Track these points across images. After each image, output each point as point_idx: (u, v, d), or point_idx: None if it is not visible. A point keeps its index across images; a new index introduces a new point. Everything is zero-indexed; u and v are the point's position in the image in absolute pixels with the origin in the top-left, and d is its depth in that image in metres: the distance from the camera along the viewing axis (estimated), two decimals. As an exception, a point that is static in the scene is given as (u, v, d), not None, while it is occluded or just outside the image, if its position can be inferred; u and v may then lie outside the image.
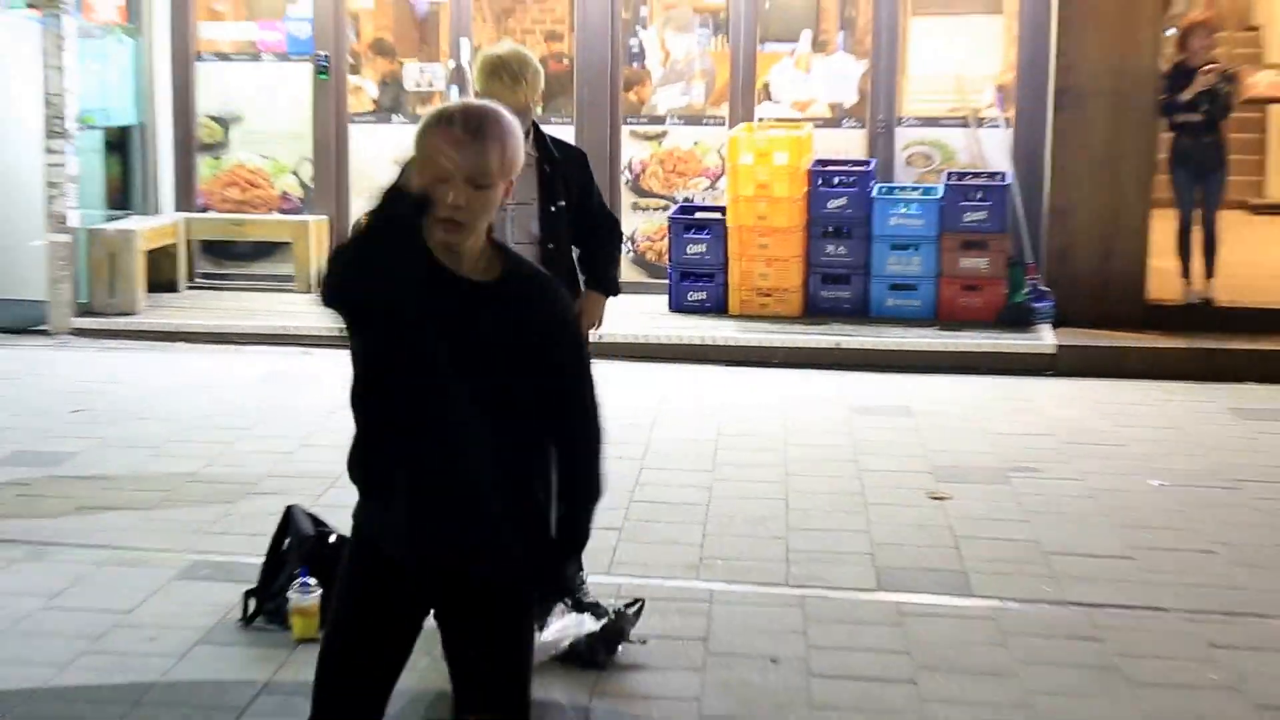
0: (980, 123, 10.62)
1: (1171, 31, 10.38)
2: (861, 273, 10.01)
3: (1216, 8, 14.15)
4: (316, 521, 5.18)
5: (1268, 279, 10.34)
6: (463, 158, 2.86)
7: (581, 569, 4.97)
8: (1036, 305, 9.70)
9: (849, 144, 10.69)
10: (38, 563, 5.63)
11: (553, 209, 4.81)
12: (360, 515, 3.15)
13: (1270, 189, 13.89)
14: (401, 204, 2.86)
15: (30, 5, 10.02)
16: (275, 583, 5.03)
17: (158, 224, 10.92)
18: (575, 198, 4.99)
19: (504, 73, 4.71)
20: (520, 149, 2.97)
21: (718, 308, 10.15)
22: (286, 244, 11.09)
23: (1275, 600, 5.39)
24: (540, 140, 4.89)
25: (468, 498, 3.02)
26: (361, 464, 3.08)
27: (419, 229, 2.88)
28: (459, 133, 2.87)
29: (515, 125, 2.97)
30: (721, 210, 10.22)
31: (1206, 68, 9.67)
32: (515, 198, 4.49)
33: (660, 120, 11.11)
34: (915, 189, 10.17)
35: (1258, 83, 13.63)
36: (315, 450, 7.13)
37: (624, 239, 6.37)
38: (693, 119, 11.08)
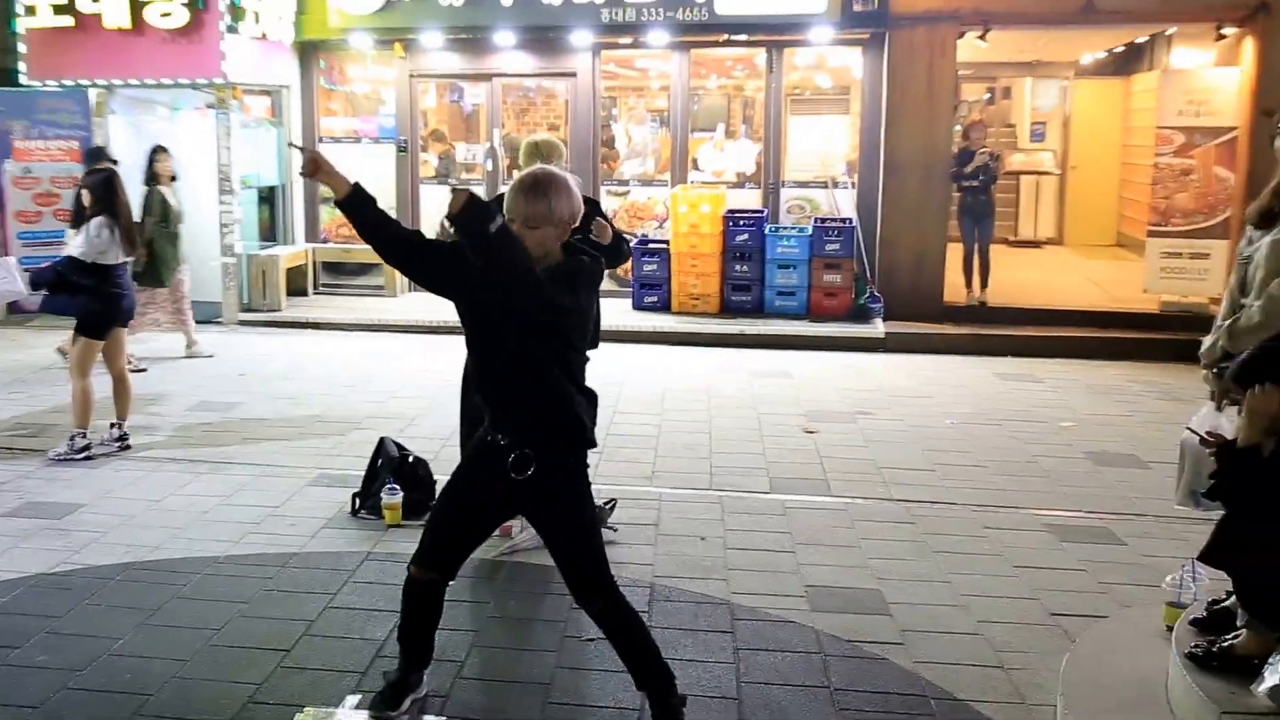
0: (836, 185, 10.61)
1: (958, 127, 10.41)
2: (759, 284, 9.97)
3: (987, 113, 14.21)
4: (400, 448, 5.15)
5: (1020, 288, 10.38)
6: (520, 207, 2.87)
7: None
8: (873, 306, 9.70)
9: (750, 199, 10.62)
10: (216, 475, 5.60)
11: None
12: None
13: (1022, 230, 13.99)
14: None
15: (209, 106, 9.92)
16: (372, 488, 5.02)
17: (294, 251, 10.79)
18: (587, 221, 4.84)
19: (538, 156, 4.64)
20: (570, 203, 2.89)
21: (664, 307, 10.08)
22: (379, 264, 10.91)
23: (1025, 497, 5.44)
24: None
25: (522, 408, 2.97)
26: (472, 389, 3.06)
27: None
28: (521, 191, 2.88)
29: (566, 187, 2.89)
30: (667, 242, 10.15)
31: (981, 151, 9.78)
32: None
33: (625, 183, 11.02)
34: (794, 229, 10.13)
35: (1013, 161, 13.73)
36: (399, 401, 7.06)
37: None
38: (647, 182, 10.99)
